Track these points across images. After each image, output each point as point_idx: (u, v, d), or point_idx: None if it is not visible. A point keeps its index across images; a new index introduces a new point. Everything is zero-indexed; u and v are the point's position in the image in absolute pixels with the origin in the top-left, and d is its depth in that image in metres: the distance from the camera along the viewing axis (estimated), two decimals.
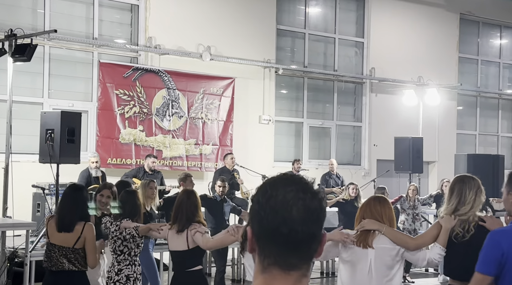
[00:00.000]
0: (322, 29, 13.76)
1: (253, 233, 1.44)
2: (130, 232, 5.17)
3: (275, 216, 1.38)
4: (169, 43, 11.47)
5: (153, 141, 11.10)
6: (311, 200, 1.40)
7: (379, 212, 4.01)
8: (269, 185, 1.44)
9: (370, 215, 4.02)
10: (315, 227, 1.40)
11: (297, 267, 1.40)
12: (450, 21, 15.09)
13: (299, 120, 13.48)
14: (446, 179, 10.16)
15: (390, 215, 4.04)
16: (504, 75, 16.50)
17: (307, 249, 1.40)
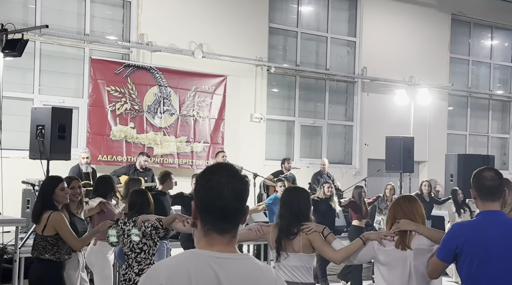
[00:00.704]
0: (315, 28, 13.77)
1: (196, 206, 1.95)
2: (153, 224, 4.88)
3: (211, 194, 1.90)
4: (161, 40, 11.43)
5: (144, 138, 11.06)
6: (238, 183, 1.92)
7: (412, 210, 3.85)
8: (208, 171, 1.96)
9: (403, 214, 3.83)
10: (240, 203, 1.93)
11: (228, 231, 1.93)
12: (441, 21, 15.15)
13: (291, 119, 13.48)
14: (426, 179, 10.20)
15: (422, 213, 3.89)
16: (495, 76, 16.59)
17: (235, 219, 1.93)
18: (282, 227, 4.14)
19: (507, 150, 16.71)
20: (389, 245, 3.81)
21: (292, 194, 4.31)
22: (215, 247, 1.90)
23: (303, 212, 4.19)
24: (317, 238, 4.07)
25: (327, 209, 8.85)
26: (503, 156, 16.69)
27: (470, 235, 3.28)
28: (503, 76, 16.77)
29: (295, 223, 4.13)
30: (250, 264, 1.92)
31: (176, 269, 1.87)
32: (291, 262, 4.07)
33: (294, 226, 4.13)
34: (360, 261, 3.96)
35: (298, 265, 4.08)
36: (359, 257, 3.89)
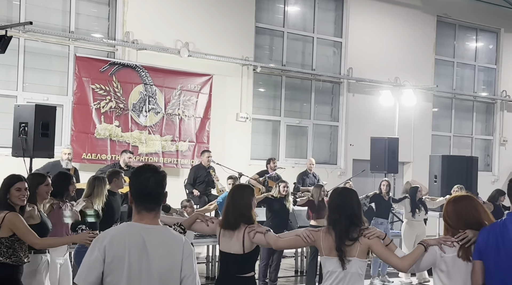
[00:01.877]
0: (301, 28, 13.79)
1: (131, 193, 2.87)
2: (174, 230, 4.47)
3: (141, 184, 2.84)
4: (146, 38, 11.38)
5: (129, 137, 11.01)
6: (158, 176, 2.86)
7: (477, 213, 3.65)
8: (138, 170, 2.91)
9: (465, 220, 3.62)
10: (161, 189, 2.87)
11: (153, 209, 2.85)
12: (427, 23, 15.24)
13: (277, 118, 13.49)
14: (386, 178, 10.19)
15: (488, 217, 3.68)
16: (479, 78, 16.72)
17: (158, 200, 2.86)
18: (341, 233, 3.84)
19: (490, 152, 16.85)
20: (450, 252, 3.60)
21: (343, 196, 4.01)
22: (144, 221, 2.82)
23: (357, 214, 3.92)
24: (378, 244, 3.80)
25: (281, 208, 8.67)
26: (486, 158, 16.83)
27: (494, 235, 3.38)
28: (488, 78, 16.90)
29: (354, 226, 3.86)
30: (168, 233, 2.86)
31: (116, 235, 2.79)
32: (349, 269, 3.82)
33: (353, 231, 3.84)
34: (424, 268, 3.71)
35: (355, 272, 3.84)
36: (422, 263, 3.65)
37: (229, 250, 4.33)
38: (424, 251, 3.62)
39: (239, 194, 4.49)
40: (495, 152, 16.74)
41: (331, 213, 3.94)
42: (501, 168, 16.60)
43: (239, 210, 4.38)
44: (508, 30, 16.62)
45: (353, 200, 3.98)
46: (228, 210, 4.43)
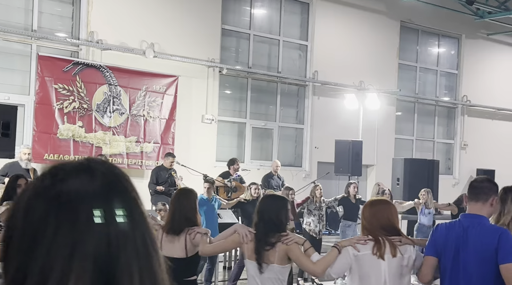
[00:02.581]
0: (267, 31, 13.85)
1: None
2: None
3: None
4: (111, 38, 11.26)
5: (92, 137, 10.87)
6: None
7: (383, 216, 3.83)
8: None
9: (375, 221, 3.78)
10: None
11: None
12: (391, 28, 15.47)
13: (242, 120, 13.51)
14: (353, 181, 10.33)
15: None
16: (441, 83, 17.04)
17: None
18: (260, 237, 3.84)
19: (451, 155, 17.18)
20: (363, 250, 3.66)
21: (268, 202, 4.05)
22: None
23: (279, 220, 3.89)
24: (296, 249, 3.80)
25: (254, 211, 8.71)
26: (447, 161, 17.16)
27: (447, 235, 3.47)
28: (449, 83, 17.24)
29: (271, 232, 3.83)
30: None
31: None
32: (267, 274, 3.83)
33: (271, 236, 3.82)
34: (339, 271, 3.74)
35: (271, 277, 3.82)
36: (336, 267, 3.68)
37: (172, 255, 4.21)
38: (339, 253, 3.67)
39: (184, 198, 4.51)
40: (456, 156, 17.07)
41: (255, 217, 3.98)
42: (462, 171, 16.94)
43: (185, 214, 4.40)
44: (469, 36, 17.00)
45: (278, 206, 3.95)
46: (173, 215, 4.45)
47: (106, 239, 0.91)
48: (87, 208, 0.93)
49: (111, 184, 0.98)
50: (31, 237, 0.91)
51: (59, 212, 0.91)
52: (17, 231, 0.93)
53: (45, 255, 0.90)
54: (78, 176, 0.96)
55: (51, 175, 0.96)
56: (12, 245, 0.93)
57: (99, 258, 0.90)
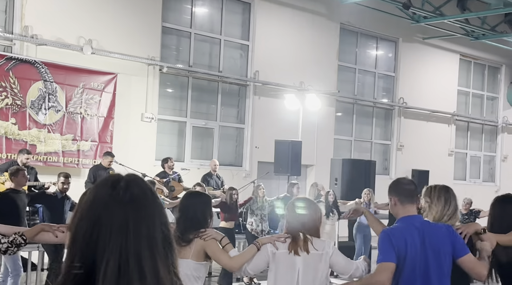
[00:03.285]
0: (208, 30, 13.79)
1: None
2: (12, 240, 3.79)
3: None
4: (47, 33, 10.95)
5: (26, 135, 10.54)
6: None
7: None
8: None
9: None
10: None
11: None
12: (331, 30, 15.70)
13: (183, 119, 13.41)
14: (295, 181, 10.44)
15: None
16: (379, 85, 17.43)
17: None
18: (179, 233, 3.79)
19: (388, 156, 17.60)
20: (282, 248, 3.72)
21: (190, 199, 3.98)
22: None
23: (206, 217, 3.87)
24: (213, 245, 3.76)
25: None
26: (384, 162, 17.57)
27: (406, 239, 3.46)
28: (387, 85, 17.66)
29: (191, 229, 3.80)
30: None
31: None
32: (181, 270, 3.79)
33: (189, 233, 3.79)
34: (256, 268, 3.75)
35: (188, 273, 3.74)
36: (253, 263, 3.72)
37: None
38: (257, 250, 3.72)
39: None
40: (392, 156, 17.50)
41: (178, 213, 3.96)
42: (398, 171, 17.37)
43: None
44: (405, 40, 17.46)
45: (203, 202, 3.93)
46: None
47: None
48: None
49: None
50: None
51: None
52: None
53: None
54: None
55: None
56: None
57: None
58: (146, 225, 1.28)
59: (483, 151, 20.05)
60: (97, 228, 1.25)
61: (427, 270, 3.44)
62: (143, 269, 1.23)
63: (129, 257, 1.23)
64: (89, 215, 1.28)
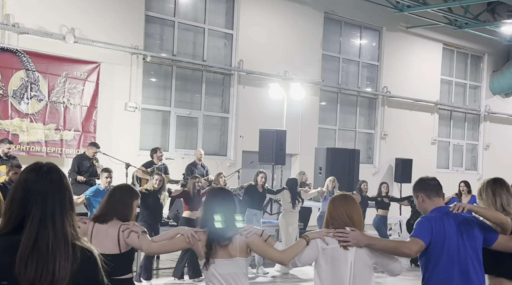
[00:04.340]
0: (192, 19, 13.72)
1: None
2: None
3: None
4: (29, 22, 10.83)
5: (8, 124, 10.44)
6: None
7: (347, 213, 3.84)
8: None
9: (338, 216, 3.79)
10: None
11: None
12: (315, 19, 15.70)
13: (167, 109, 13.36)
14: (262, 170, 10.24)
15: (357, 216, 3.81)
16: (363, 74, 17.48)
17: None
18: (215, 232, 3.69)
19: (372, 145, 17.70)
20: (332, 243, 3.67)
21: (219, 196, 3.85)
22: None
23: (235, 215, 3.81)
24: (257, 240, 3.71)
25: (155, 201, 8.39)
26: (368, 150, 17.67)
27: (444, 227, 3.75)
28: (371, 74, 17.72)
29: (232, 227, 3.73)
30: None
31: None
32: (226, 269, 3.67)
33: (230, 230, 3.71)
34: (305, 261, 3.72)
35: (235, 271, 3.69)
36: (304, 257, 3.68)
37: (103, 251, 3.99)
38: (306, 244, 3.68)
39: (121, 192, 4.41)
40: (376, 145, 17.60)
41: (205, 212, 3.79)
42: (381, 160, 17.50)
43: (117, 206, 4.30)
44: (389, 29, 17.51)
45: (226, 200, 3.85)
46: (106, 205, 4.34)
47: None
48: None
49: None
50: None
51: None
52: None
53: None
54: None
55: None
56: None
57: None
58: (59, 195, 2.06)
59: (466, 139, 20.24)
60: (28, 196, 2.03)
61: (465, 256, 3.74)
62: (55, 220, 2.02)
63: (47, 213, 2.01)
64: (23, 188, 2.05)
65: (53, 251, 1.95)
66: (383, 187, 11.45)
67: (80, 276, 2.00)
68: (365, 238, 3.67)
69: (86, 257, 2.04)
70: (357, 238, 3.65)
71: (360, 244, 3.66)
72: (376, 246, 3.69)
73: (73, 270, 1.97)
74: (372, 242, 3.71)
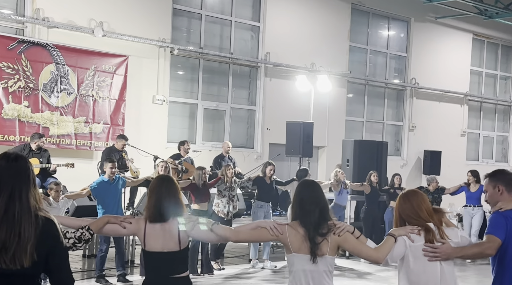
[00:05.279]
0: (219, 11, 13.73)
1: None
2: (80, 236, 3.58)
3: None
4: (58, 16, 10.96)
5: (39, 118, 10.61)
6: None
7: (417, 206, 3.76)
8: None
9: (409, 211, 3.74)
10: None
11: None
12: (342, 10, 15.57)
13: (194, 101, 13.42)
14: (270, 161, 10.13)
15: (427, 207, 3.76)
16: (391, 65, 17.31)
17: None
18: (313, 227, 3.59)
19: (400, 137, 17.54)
20: (418, 240, 3.65)
21: (315, 188, 3.74)
22: None
23: (327, 209, 3.70)
24: (350, 238, 3.62)
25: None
26: (396, 143, 17.51)
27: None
28: (399, 65, 17.53)
29: (324, 222, 3.62)
30: None
31: None
32: (317, 266, 3.60)
33: (323, 226, 3.60)
34: (395, 258, 3.69)
35: (324, 269, 3.62)
36: (394, 254, 3.65)
37: (162, 249, 3.71)
38: (394, 242, 3.67)
39: (167, 184, 3.92)
40: (404, 137, 17.44)
41: (301, 205, 3.67)
42: (410, 152, 17.33)
43: (170, 200, 3.86)
44: (418, 19, 17.29)
45: (323, 194, 3.79)
46: (158, 201, 3.80)
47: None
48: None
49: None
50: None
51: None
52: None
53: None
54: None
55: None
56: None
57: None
58: (25, 175, 2.61)
59: (496, 131, 19.91)
60: (0, 178, 2.58)
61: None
62: (21, 195, 2.57)
63: (16, 190, 2.57)
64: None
65: (19, 219, 2.53)
66: (396, 179, 11.36)
67: (43, 238, 2.55)
68: (454, 251, 3.67)
69: (47, 223, 2.59)
70: (447, 253, 3.64)
71: (450, 258, 3.68)
72: (465, 257, 3.77)
73: (36, 233, 2.53)
74: (461, 253, 3.74)
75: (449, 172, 16.30)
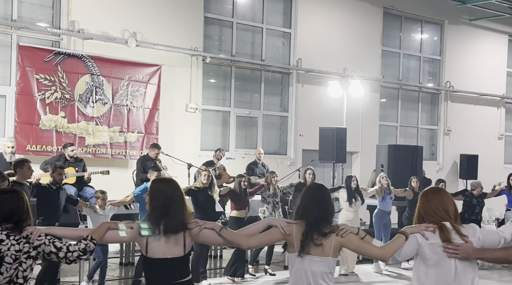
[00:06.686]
0: (250, 19, 13.79)
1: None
2: (85, 247, 3.49)
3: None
4: (93, 27, 11.16)
5: (75, 128, 10.80)
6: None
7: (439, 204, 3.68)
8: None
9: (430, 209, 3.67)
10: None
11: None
12: (374, 14, 15.48)
13: (226, 109, 13.48)
14: (309, 167, 10.11)
15: (450, 207, 3.68)
16: (424, 69, 17.11)
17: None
18: (312, 223, 3.66)
19: (435, 141, 17.30)
20: (432, 238, 3.59)
21: (321, 191, 3.83)
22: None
23: (331, 211, 3.78)
24: (354, 239, 3.67)
25: (206, 198, 8.35)
26: (431, 147, 17.28)
27: None
28: (432, 69, 17.32)
29: (326, 222, 3.68)
30: None
31: None
32: (318, 267, 3.65)
33: (324, 226, 3.67)
34: (405, 256, 3.68)
35: (325, 271, 3.67)
36: (403, 252, 3.63)
37: (165, 255, 3.62)
38: (405, 240, 3.63)
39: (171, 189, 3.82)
40: (439, 141, 17.20)
41: (303, 204, 3.76)
42: (445, 156, 17.08)
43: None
44: (451, 22, 17.06)
45: (329, 197, 3.87)
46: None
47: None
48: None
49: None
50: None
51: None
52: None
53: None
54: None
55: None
56: None
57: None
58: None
59: None
60: None
61: None
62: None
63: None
64: None
65: None
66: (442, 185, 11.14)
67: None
68: (475, 251, 3.56)
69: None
70: (468, 252, 3.54)
71: (470, 258, 3.56)
72: (486, 259, 3.62)
73: None
74: (483, 255, 3.61)
75: (486, 176, 16.00)
